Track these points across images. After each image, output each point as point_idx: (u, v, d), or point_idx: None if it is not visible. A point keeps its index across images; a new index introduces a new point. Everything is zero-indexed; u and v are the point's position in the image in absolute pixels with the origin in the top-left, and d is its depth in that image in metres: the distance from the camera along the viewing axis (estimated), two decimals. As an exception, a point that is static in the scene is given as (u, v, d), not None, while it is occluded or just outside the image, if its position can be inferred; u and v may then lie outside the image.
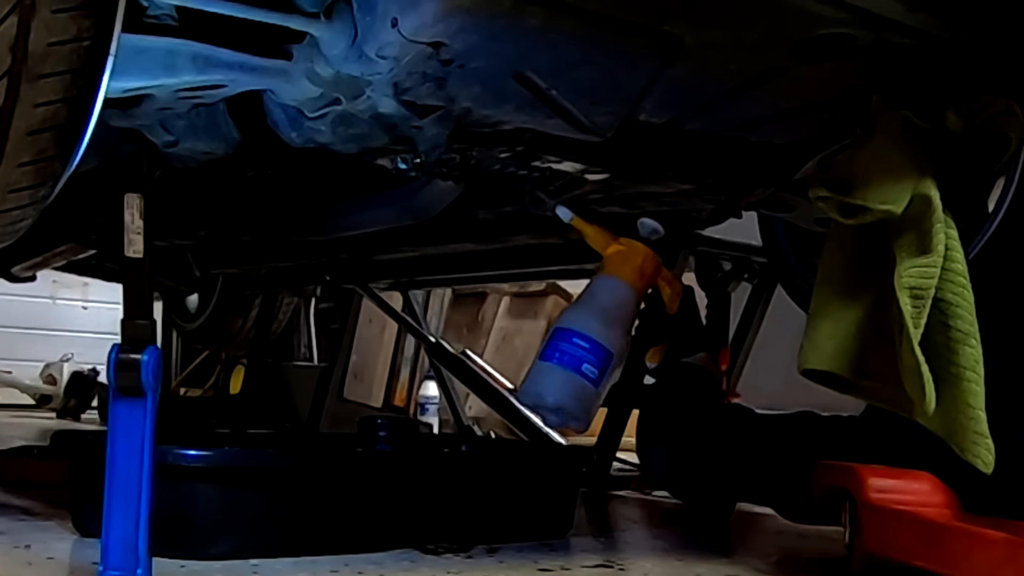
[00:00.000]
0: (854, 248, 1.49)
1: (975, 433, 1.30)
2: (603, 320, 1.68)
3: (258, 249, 2.87)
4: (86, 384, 4.47)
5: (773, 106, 1.58)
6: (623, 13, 1.31)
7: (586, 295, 1.75)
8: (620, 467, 2.56)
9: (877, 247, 1.42)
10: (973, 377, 1.31)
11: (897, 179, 1.41)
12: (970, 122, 1.45)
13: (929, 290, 1.32)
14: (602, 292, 1.73)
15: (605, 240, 1.76)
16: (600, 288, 1.74)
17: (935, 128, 1.46)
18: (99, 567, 1.12)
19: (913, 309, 1.31)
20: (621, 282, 1.73)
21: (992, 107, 1.43)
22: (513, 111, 1.49)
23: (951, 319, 1.33)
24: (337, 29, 1.32)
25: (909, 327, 1.30)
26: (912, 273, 1.33)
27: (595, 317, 1.69)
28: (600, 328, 1.67)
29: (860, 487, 1.37)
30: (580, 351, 1.65)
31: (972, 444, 1.30)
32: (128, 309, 1.15)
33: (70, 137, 1.23)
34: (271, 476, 1.38)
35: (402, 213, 2.01)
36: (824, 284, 1.51)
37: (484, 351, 4.13)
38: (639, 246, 1.76)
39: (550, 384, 1.66)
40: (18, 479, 1.88)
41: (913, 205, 1.39)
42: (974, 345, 1.32)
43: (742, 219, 2.15)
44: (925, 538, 1.28)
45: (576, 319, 1.69)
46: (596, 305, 1.71)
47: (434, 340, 3.27)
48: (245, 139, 1.65)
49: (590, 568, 1.42)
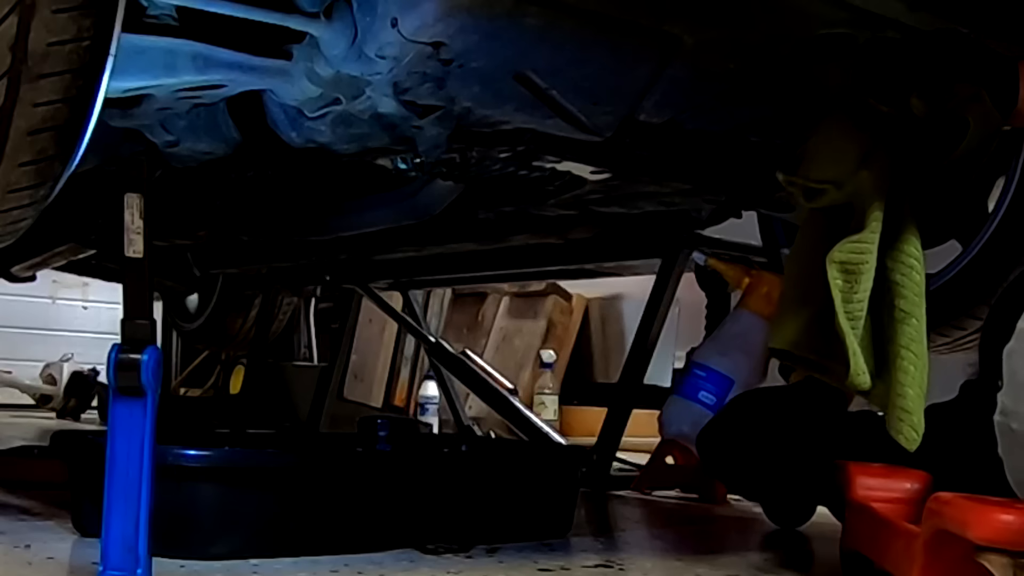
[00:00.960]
0: (821, 235, 1.51)
1: (901, 410, 1.33)
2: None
3: (258, 249, 2.87)
4: (86, 384, 4.47)
5: (773, 106, 1.58)
6: (623, 13, 1.31)
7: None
8: (620, 467, 2.56)
9: (842, 230, 1.44)
10: (908, 355, 1.34)
11: (839, 159, 1.45)
12: (935, 107, 1.46)
13: (861, 265, 1.36)
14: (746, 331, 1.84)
15: (739, 275, 1.82)
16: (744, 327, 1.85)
17: (897, 112, 1.47)
18: (99, 567, 1.12)
19: (844, 284, 1.35)
20: (752, 315, 1.78)
21: (960, 93, 1.44)
22: (513, 111, 1.49)
23: (896, 298, 1.37)
24: (337, 29, 1.32)
25: (837, 300, 1.34)
26: (844, 249, 1.36)
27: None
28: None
29: (849, 485, 1.38)
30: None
31: (897, 420, 1.34)
32: (128, 309, 1.15)
33: (70, 137, 1.23)
34: (271, 476, 1.38)
35: (402, 213, 2.01)
36: (792, 266, 1.57)
37: (484, 351, 4.13)
38: (769, 276, 1.81)
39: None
40: (18, 479, 1.88)
41: (857, 185, 1.43)
42: (914, 324, 1.35)
43: (742, 219, 2.15)
44: (874, 533, 1.29)
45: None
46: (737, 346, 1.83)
47: (434, 340, 3.27)
48: (245, 139, 1.65)
49: (590, 568, 1.42)
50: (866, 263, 1.36)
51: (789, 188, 1.52)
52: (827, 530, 1.56)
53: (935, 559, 1.07)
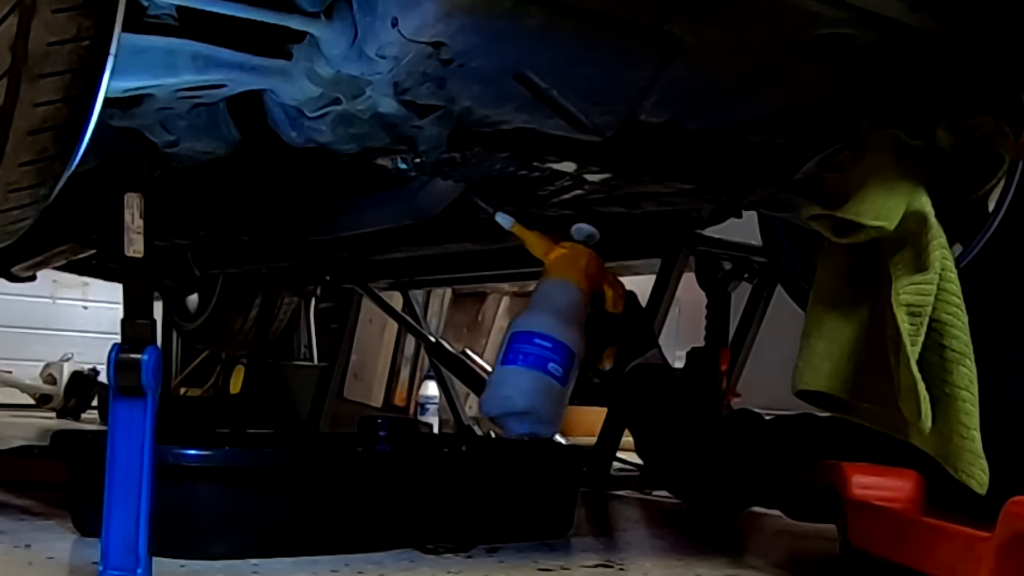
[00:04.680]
0: (847, 267, 1.49)
1: (969, 453, 1.30)
2: (560, 319, 1.65)
3: (258, 249, 2.87)
4: (86, 384, 4.47)
5: (773, 106, 1.58)
6: (623, 13, 1.31)
7: (537, 298, 1.71)
8: (620, 467, 2.56)
9: (870, 266, 1.43)
10: (967, 396, 1.31)
11: (890, 195, 1.41)
12: (960, 140, 1.45)
13: (926, 307, 1.32)
14: (554, 293, 1.70)
15: (547, 245, 1.75)
16: (551, 290, 1.71)
17: (926, 146, 1.46)
18: (99, 567, 1.12)
19: (911, 327, 1.31)
20: (570, 283, 1.71)
21: (983, 127, 1.43)
22: (513, 111, 1.49)
23: (945, 339, 1.33)
24: (337, 29, 1.32)
25: (907, 345, 1.30)
26: (909, 290, 1.32)
27: (552, 317, 1.65)
28: (560, 327, 1.63)
29: (845, 484, 1.39)
30: (543, 351, 1.61)
31: (968, 465, 1.30)
32: (128, 309, 1.15)
33: (70, 137, 1.23)
34: (271, 476, 1.38)
35: (402, 213, 2.01)
36: (817, 303, 1.52)
37: (484, 351, 4.13)
38: (582, 248, 1.74)
39: (517, 387, 1.61)
40: (18, 479, 1.88)
41: (907, 222, 1.40)
42: (968, 365, 1.32)
43: (742, 219, 2.15)
44: (896, 532, 1.29)
45: (533, 321, 1.65)
46: (550, 306, 1.68)
47: (434, 340, 3.27)
48: (245, 139, 1.65)
49: (590, 568, 1.42)
50: (929, 304, 1.32)
51: (815, 222, 1.47)
52: (825, 530, 1.57)
53: (1009, 563, 1.06)
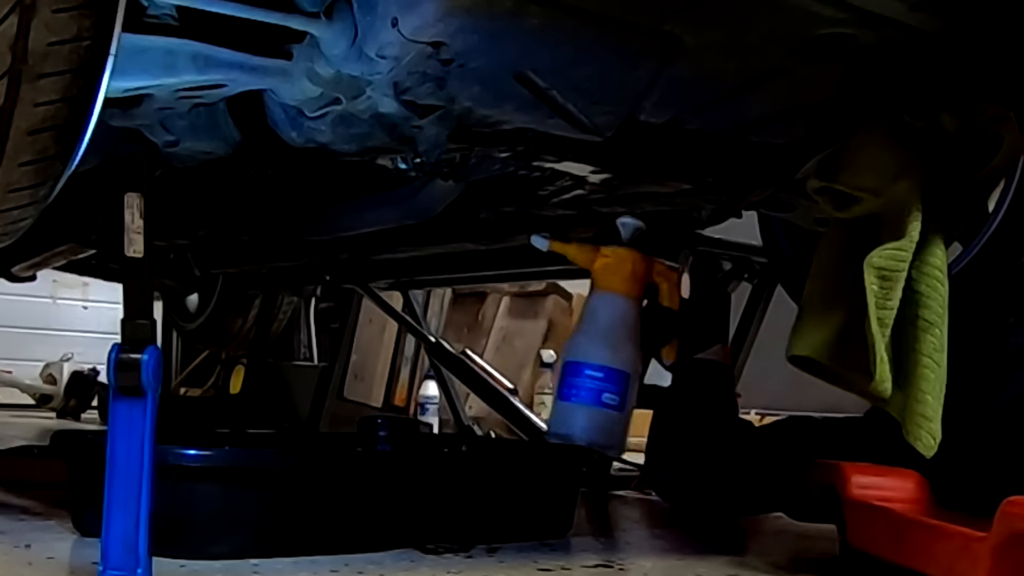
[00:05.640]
0: (847, 244, 1.52)
1: (920, 416, 1.34)
2: (610, 342, 1.67)
3: (258, 249, 2.87)
4: (86, 384, 4.47)
5: (773, 106, 1.58)
6: (623, 13, 1.31)
7: (586, 318, 1.72)
8: (620, 467, 2.56)
9: (869, 244, 1.45)
10: (929, 363, 1.35)
11: (878, 168, 1.46)
12: (965, 123, 1.47)
13: (898, 272, 1.37)
14: (601, 311, 1.71)
15: (589, 256, 1.75)
16: (598, 307, 1.72)
17: (929, 127, 1.48)
18: (99, 567, 1.12)
19: (880, 290, 1.36)
20: (616, 296, 1.71)
21: (988, 112, 1.45)
22: (513, 111, 1.49)
23: (921, 308, 1.38)
24: (337, 29, 1.32)
25: (871, 305, 1.34)
26: (882, 255, 1.37)
27: (601, 342, 1.67)
28: (610, 351, 1.66)
29: (844, 484, 1.39)
30: (596, 382, 1.65)
31: (915, 427, 1.34)
32: (128, 309, 1.15)
33: (70, 137, 1.23)
34: (271, 476, 1.38)
35: (402, 213, 2.01)
36: (816, 276, 1.56)
37: (484, 351, 4.13)
38: (624, 252, 1.74)
39: (575, 424, 1.67)
40: (18, 479, 1.88)
41: (894, 195, 1.43)
42: (936, 334, 1.36)
43: (742, 219, 2.15)
44: (894, 532, 1.29)
45: (583, 349, 1.68)
46: (599, 328, 1.69)
47: (434, 340, 3.27)
48: (245, 139, 1.65)
49: (590, 568, 1.42)
50: (902, 271, 1.37)
51: (819, 196, 1.53)
52: (826, 530, 1.57)
53: (1006, 563, 1.07)
